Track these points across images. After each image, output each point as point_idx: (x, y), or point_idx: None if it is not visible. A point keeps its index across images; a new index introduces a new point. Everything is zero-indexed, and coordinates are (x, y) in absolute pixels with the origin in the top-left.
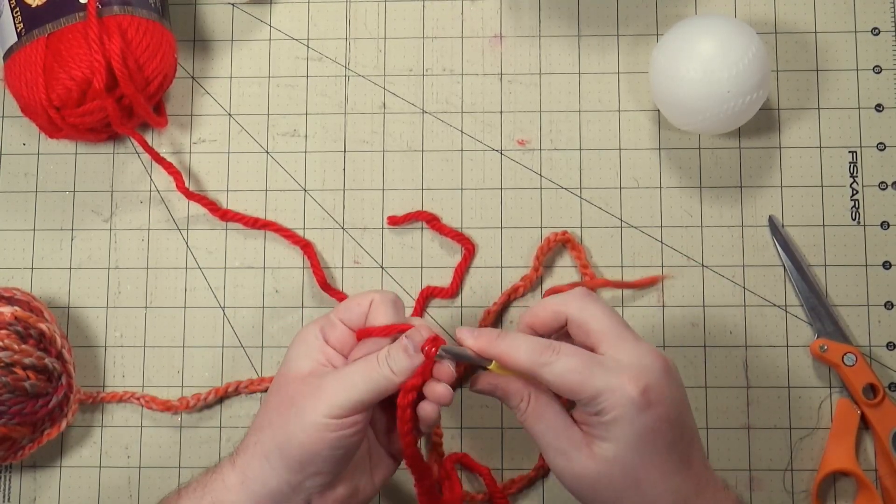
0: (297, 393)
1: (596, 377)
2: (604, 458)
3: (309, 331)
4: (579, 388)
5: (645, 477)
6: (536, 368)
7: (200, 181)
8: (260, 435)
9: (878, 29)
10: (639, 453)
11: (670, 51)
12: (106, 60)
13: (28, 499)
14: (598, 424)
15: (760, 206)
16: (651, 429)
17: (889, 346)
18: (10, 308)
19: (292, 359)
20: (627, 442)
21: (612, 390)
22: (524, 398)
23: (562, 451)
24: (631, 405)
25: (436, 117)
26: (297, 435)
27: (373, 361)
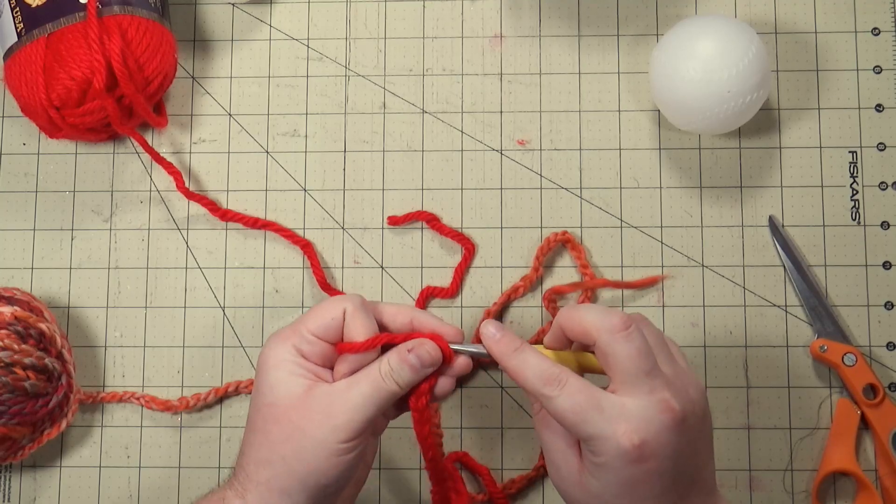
0: (303, 421)
1: (592, 422)
2: (589, 490)
3: (282, 349)
4: (574, 428)
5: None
6: (538, 397)
7: (200, 181)
8: (271, 470)
9: (878, 29)
10: (623, 497)
11: (670, 51)
12: (106, 60)
13: (28, 499)
14: (590, 459)
15: (760, 206)
16: (639, 480)
17: (889, 346)
18: (10, 308)
19: (277, 383)
20: (612, 486)
21: (604, 438)
22: (535, 402)
23: (559, 467)
24: (621, 457)
25: (436, 117)
26: (317, 465)
27: (377, 378)
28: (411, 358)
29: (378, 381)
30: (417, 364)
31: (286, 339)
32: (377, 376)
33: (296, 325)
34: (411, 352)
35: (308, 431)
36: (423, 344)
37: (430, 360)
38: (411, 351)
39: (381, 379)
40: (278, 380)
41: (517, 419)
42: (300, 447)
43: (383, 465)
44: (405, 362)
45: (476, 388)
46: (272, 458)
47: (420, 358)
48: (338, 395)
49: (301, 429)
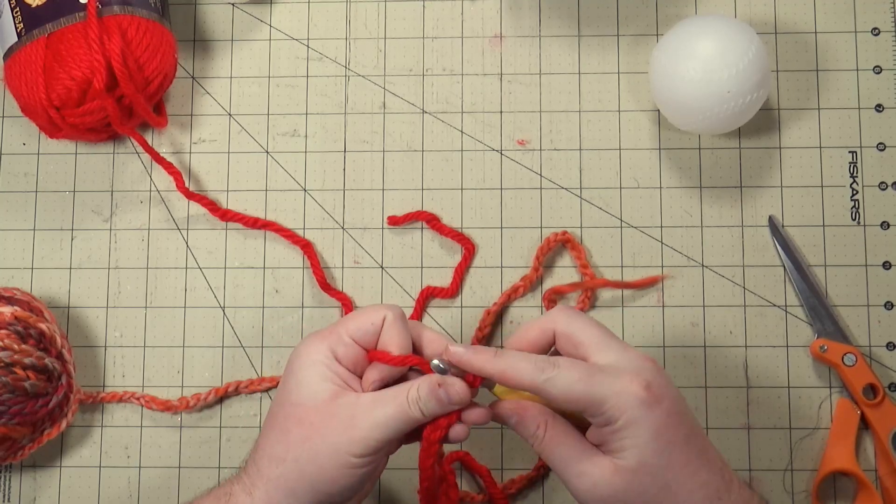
0: (323, 426)
1: (599, 384)
2: (629, 469)
3: (317, 350)
4: (585, 397)
5: (673, 478)
6: (539, 384)
7: (200, 181)
8: (283, 468)
9: (878, 29)
10: (660, 454)
11: (670, 51)
12: (106, 60)
13: (28, 499)
14: (612, 436)
15: (760, 206)
16: (664, 425)
17: (889, 346)
18: (10, 308)
19: (306, 383)
20: (646, 444)
21: (617, 393)
22: (540, 424)
23: (585, 474)
24: (639, 404)
25: (436, 117)
26: (329, 471)
27: (403, 403)
28: (441, 392)
29: (404, 405)
30: (446, 400)
31: (323, 340)
32: (404, 401)
33: (335, 326)
34: (442, 386)
35: (326, 437)
36: (455, 383)
37: (458, 398)
38: (442, 385)
39: (408, 404)
40: (307, 380)
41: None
42: (316, 451)
43: None
44: (434, 394)
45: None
46: (286, 457)
47: (449, 395)
48: (362, 408)
49: (320, 433)
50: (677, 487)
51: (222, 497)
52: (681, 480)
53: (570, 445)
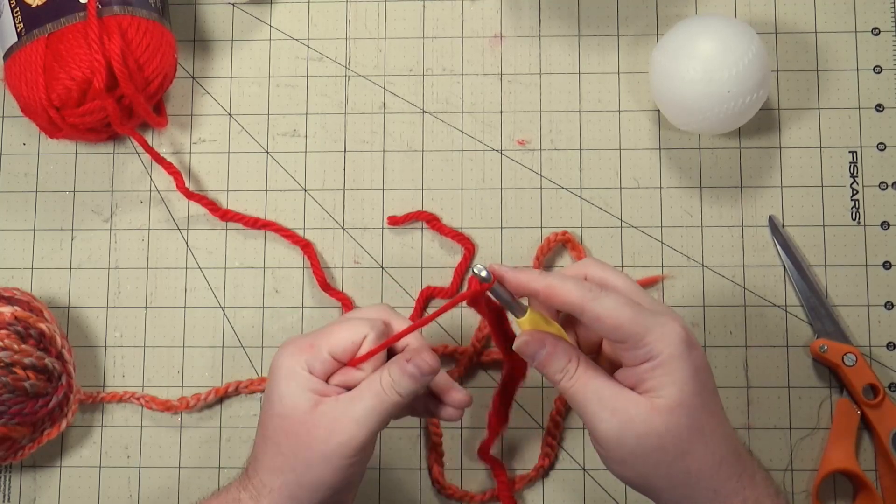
0: (310, 436)
1: (644, 314)
2: (668, 407)
3: (294, 362)
4: (630, 323)
5: (707, 423)
6: (587, 302)
7: (200, 181)
8: (283, 479)
9: (878, 29)
10: (698, 395)
11: (670, 51)
12: (106, 60)
13: (28, 499)
14: (651, 372)
15: (760, 206)
16: (701, 368)
17: (889, 346)
18: (10, 308)
19: (287, 395)
20: (686, 382)
21: (661, 325)
22: (573, 358)
23: (620, 411)
24: (681, 341)
25: (436, 117)
26: (324, 477)
27: (379, 392)
28: (410, 368)
29: (380, 393)
30: (418, 373)
31: (301, 353)
32: (379, 389)
33: (315, 339)
34: (410, 362)
35: (315, 447)
36: (421, 352)
37: (429, 367)
38: (410, 361)
39: (384, 391)
40: (289, 392)
41: (517, 419)
42: (308, 461)
43: (383, 465)
44: (405, 373)
45: (476, 389)
46: (284, 468)
47: (420, 367)
48: (342, 410)
49: (308, 445)
50: (710, 433)
51: (231, 502)
52: (713, 427)
53: (604, 381)
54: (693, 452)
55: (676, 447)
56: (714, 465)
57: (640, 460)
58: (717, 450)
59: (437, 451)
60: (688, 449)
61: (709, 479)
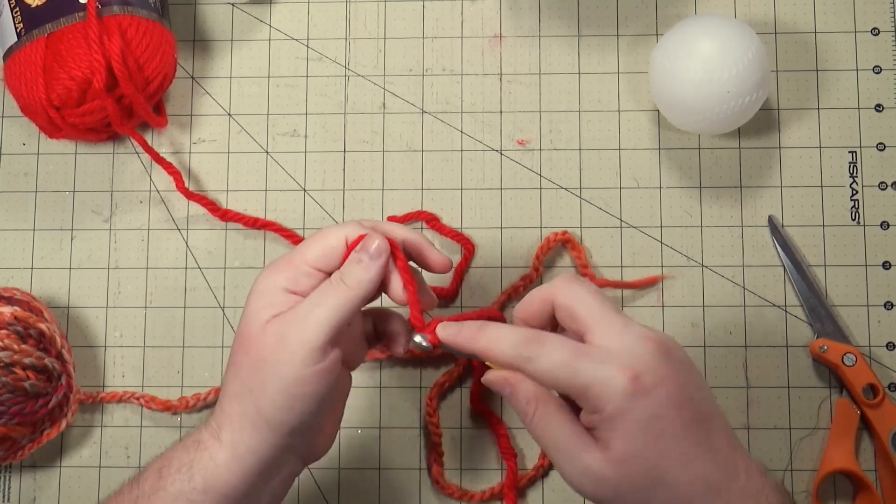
0: (263, 349)
1: (583, 371)
2: (619, 459)
3: (270, 282)
4: (567, 382)
5: (667, 470)
6: (521, 364)
7: (200, 181)
8: (242, 405)
9: (878, 29)
10: (651, 446)
11: (670, 51)
12: (106, 60)
13: (28, 499)
14: (601, 424)
15: (760, 206)
16: (655, 416)
17: (889, 346)
18: (10, 308)
19: (251, 314)
20: (634, 436)
21: (601, 383)
22: (530, 401)
23: (576, 459)
24: (624, 394)
25: (436, 117)
26: (279, 399)
27: (326, 286)
28: (356, 254)
29: (326, 286)
30: (366, 258)
31: (279, 272)
32: (327, 284)
33: (292, 256)
34: (358, 251)
35: (268, 359)
36: (371, 238)
37: (377, 250)
38: (358, 250)
39: (330, 284)
40: (254, 310)
41: (517, 419)
42: (263, 379)
43: (383, 465)
44: (352, 261)
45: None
46: (242, 391)
47: (368, 251)
48: (292, 316)
49: (263, 358)
50: (672, 480)
51: (191, 446)
52: (675, 473)
53: (561, 428)
54: (655, 498)
55: (634, 495)
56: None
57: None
58: (685, 494)
59: (437, 450)
60: (649, 496)
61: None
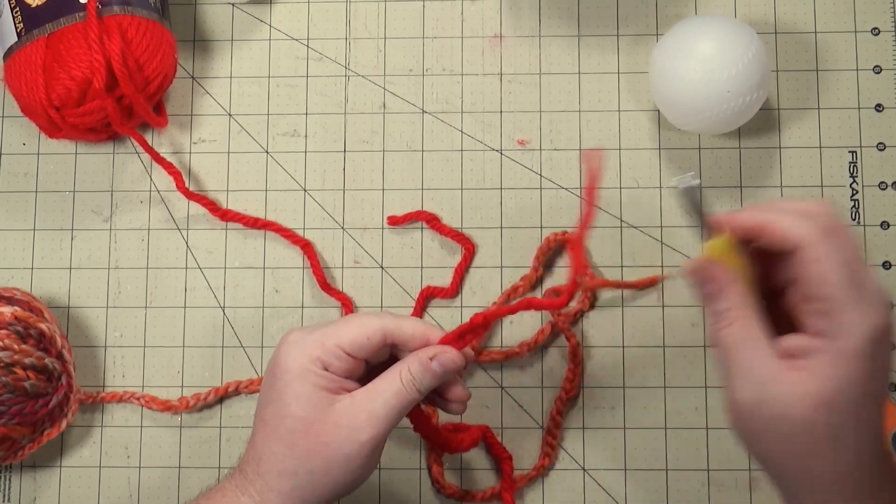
0: (330, 437)
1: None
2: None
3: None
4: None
5: (848, 432)
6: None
7: (200, 181)
8: (296, 482)
9: (878, 29)
10: (854, 403)
11: (670, 51)
12: (106, 60)
13: (28, 499)
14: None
15: None
16: (878, 374)
17: None
18: (10, 308)
19: (302, 397)
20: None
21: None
22: (734, 308)
23: (764, 386)
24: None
25: (436, 117)
26: (341, 477)
27: (399, 388)
28: (434, 366)
29: (401, 390)
30: (440, 371)
31: (310, 351)
32: (399, 386)
33: (324, 336)
34: (434, 359)
35: (334, 447)
36: (446, 351)
37: (453, 366)
38: (434, 359)
39: (404, 388)
40: (305, 392)
41: (517, 419)
42: (327, 462)
43: (383, 465)
44: (428, 370)
45: (476, 388)
46: (298, 471)
47: (443, 364)
48: (361, 407)
49: (328, 444)
50: (842, 444)
51: None
52: (850, 439)
53: (760, 345)
54: (819, 456)
55: (805, 445)
56: (835, 475)
57: (765, 441)
58: (844, 461)
59: (437, 451)
60: (815, 451)
61: (827, 486)
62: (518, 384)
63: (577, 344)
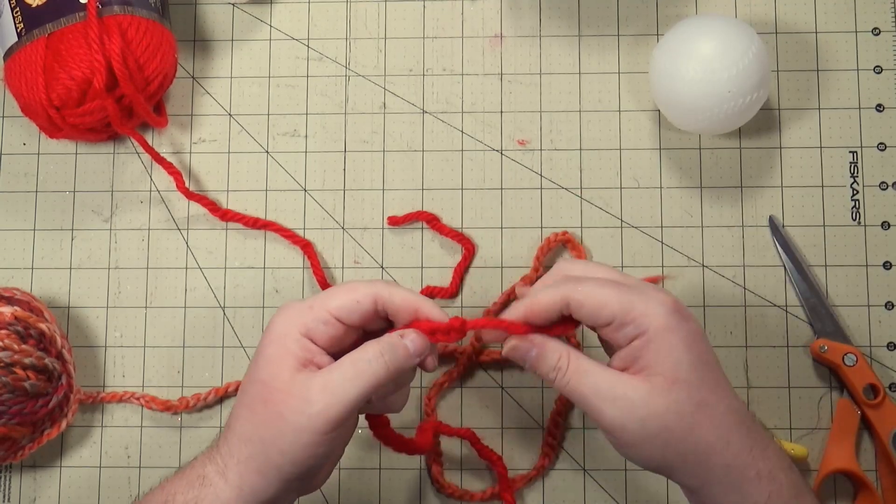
0: (283, 405)
1: (627, 291)
2: (664, 385)
3: (290, 325)
4: (613, 301)
5: (709, 397)
6: (570, 294)
7: (200, 181)
8: (251, 449)
9: (879, 29)
10: (696, 369)
11: (670, 51)
12: (106, 60)
13: (28, 499)
14: (644, 349)
15: (760, 206)
16: (694, 340)
17: (889, 346)
18: (10, 308)
19: (272, 360)
20: (680, 355)
21: (646, 300)
22: (562, 354)
23: (619, 399)
24: (669, 312)
25: (436, 117)
26: (294, 451)
27: (361, 365)
28: (405, 343)
29: (362, 366)
30: (410, 350)
31: (299, 316)
32: (363, 363)
33: (314, 302)
34: (404, 338)
35: (287, 417)
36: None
37: (421, 348)
38: (404, 337)
39: (367, 364)
40: (275, 356)
41: (517, 419)
42: (279, 432)
43: (383, 465)
44: (396, 348)
45: (476, 388)
46: (253, 438)
47: (414, 344)
48: (318, 379)
49: (281, 413)
50: (713, 407)
51: (196, 480)
52: (715, 400)
53: (598, 372)
54: (699, 428)
55: (680, 425)
56: (722, 439)
57: (648, 442)
58: (724, 423)
59: (437, 450)
60: (692, 424)
61: (720, 453)
62: (518, 384)
63: (578, 344)
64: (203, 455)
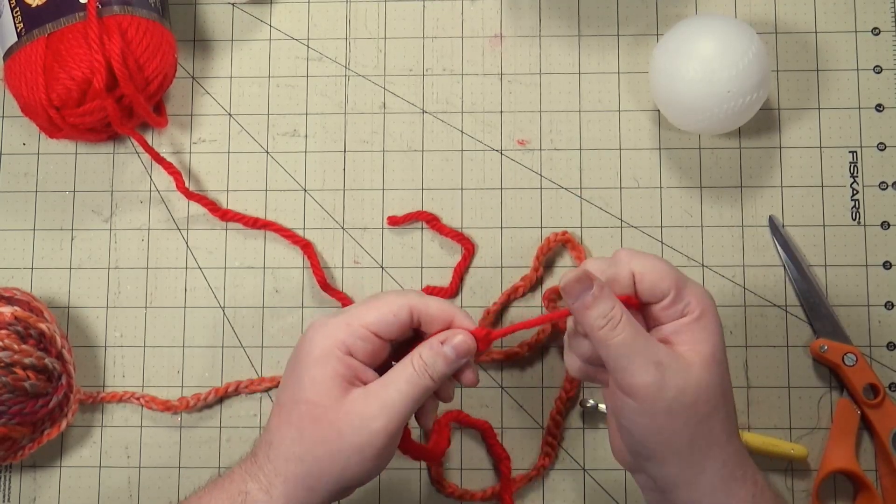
0: (341, 424)
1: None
2: (704, 362)
3: (329, 343)
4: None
5: (728, 387)
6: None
7: (200, 181)
8: (303, 468)
9: (879, 29)
10: (724, 355)
11: (670, 51)
12: (106, 60)
13: (28, 499)
14: (688, 326)
15: (760, 206)
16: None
17: (889, 346)
18: (10, 308)
19: (320, 380)
20: (719, 340)
21: (694, 285)
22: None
23: (663, 364)
24: (711, 302)
25: (436, 117)
26: (350, 469)
27: (412, 375)
28: (446, 350)
29: (413, 376)
30: (453, 355)
31: (337, 332)
32: (412, 372)
33: (349, 317)
34: (445, 343)
35: (346, 436)
36: (456, 334)
37: (464, 350)
38: (445, 342)
39: (416, 374)
40: (322, 377)
41: (517, 419)
42: (336, 451)
43: None
44: (439, 355)
45: (476, 388)
46: (306, 458)
47: (456, 349)
48: (374, 396)
49: (339, 432)
50: (730, 398)
51: (237, 496)
52: (730, 394)
53: (647, 335)
54: (718, 413)
55: (707, 405)
56: (729, 432)
57: (673, 415)
58: (731, 417)
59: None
60: (715, 408)
61: (723, 445)
62: (518, 384)
63: None
64: (240, 469)
